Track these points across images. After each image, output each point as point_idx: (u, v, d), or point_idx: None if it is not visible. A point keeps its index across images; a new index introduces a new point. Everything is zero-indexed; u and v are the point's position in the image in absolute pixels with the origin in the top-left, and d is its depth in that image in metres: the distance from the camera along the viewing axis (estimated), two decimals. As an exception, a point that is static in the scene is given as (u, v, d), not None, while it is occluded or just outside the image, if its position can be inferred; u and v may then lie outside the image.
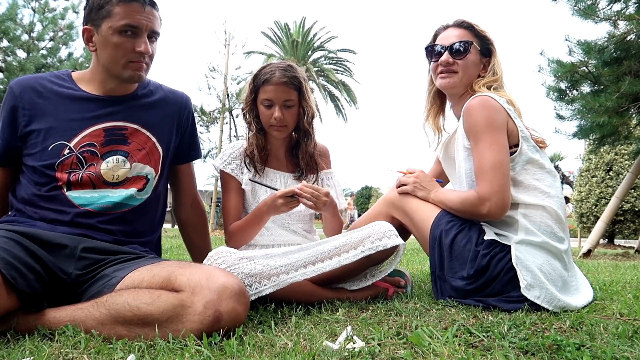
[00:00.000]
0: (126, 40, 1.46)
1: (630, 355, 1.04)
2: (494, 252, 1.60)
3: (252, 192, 1.93)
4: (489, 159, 1.62)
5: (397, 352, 1.07)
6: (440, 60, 1.82)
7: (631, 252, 7.52)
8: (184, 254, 3.94)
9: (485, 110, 1.64)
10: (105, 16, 1.46)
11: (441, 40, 1.85)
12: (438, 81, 1.85)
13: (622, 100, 5.75)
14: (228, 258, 1.47)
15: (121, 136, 1.57)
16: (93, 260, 1.43)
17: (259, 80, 1.84)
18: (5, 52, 8.91)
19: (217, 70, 13.01)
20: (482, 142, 1.64)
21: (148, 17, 1.47)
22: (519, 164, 1.67)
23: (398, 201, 1.88)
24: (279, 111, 1.81)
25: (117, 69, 1.51)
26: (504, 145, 1.63)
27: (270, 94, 1.81)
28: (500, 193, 1.61)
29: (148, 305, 1.17)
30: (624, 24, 5.68)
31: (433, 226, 1.74)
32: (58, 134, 1.50)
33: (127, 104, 1.60)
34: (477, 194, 1.64)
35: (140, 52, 1.47)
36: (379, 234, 1.65)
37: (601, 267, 3.85)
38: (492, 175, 1.61)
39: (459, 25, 1.85)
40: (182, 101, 1.76)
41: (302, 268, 1.54)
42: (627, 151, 11.30)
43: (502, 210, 1.63)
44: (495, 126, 1.63)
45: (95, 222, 1.50)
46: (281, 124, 1.84)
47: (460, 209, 1.71)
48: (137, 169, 1.59)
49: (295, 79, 1.83)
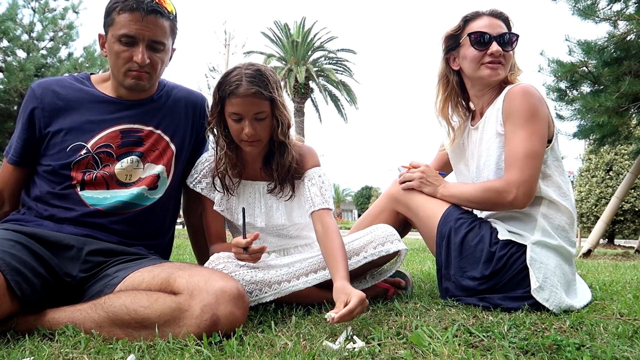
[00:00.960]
0: (125, 49, 1.47)
1: (630, 355, 1.04)
2: (510, 253, 1.57)
3: (228, 212, 1.76)
4: (525, 148, 1.56)
5: (397, 352, 1.07)
6: (492, 50, 1.68)
7: (631, 252, 7.51)
8: (184, 254, 3.95)
9: (530, 98, 1.59)
10: (110, 24, 1.48)
11: (484, 27, 1.71)
12: (484, 71, 1.71)
13: (622, 100, 5.75)
14: (229, 264, 1.46)
15: (137, 138, 1.59)
16: (98, 262, 1.44)
17: (224, 91, 1.55)
18: (5, 52, 8.90)
19: (217, 70, 13.03)
20: (522, 131, 1.58)
21: (148, 27, 1.45)
22: (550, 159, 1.64)
23: (402, 196, 1.82)
24: (249, 126, 1.55)
25: (119, 77, 1.53)
26: (543, 137, 1.59)
27: (238, 108, 1.54)
28: (530, 183, 1.56)
29: (145, 308, 1.17)
30: (623, 24, 5.68)
31: (440, 223, 1.70)
32: (76, 135, 1.52)
33: (144, 107, 1.62)
34: (504, 180, 1.59)
35: (137, 62, 1.47)
36: (381, 239, 1.64)
37: (601, 267, 3.84)
38: (525, 164, 1.56)
39: (498, 16, 1.74)
40: (198, 102, 1.76)
41: (303, 276, 1.53)
42: (627, 151, 11.30)
43: (528, 201, 1.58)
44: (539, 116, 1.59)
45: (104, 222, 1.51)
46: (253, 139, 1.58)
47: (481, 198, 1.66)
48: (150, 168, 1.60)
49: (265, 88, 1.54)
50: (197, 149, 1.78)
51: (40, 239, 1.39)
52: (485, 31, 1.70)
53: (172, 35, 1.57)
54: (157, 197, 1.62)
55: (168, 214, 1.70)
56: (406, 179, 1.82)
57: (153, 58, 1.50)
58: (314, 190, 1.68)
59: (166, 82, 1.73)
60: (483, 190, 1.65)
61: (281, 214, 1.75)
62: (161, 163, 1.62)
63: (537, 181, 1.59)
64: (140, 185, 1.57)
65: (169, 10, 1.50)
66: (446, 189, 1.76)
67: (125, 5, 1.43)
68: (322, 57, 24.07)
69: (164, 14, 1.48)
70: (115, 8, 1.45)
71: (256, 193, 1.77)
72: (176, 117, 1.68)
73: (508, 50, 1.71)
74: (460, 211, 1.71)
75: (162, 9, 1.47)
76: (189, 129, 1.71)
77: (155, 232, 1.66)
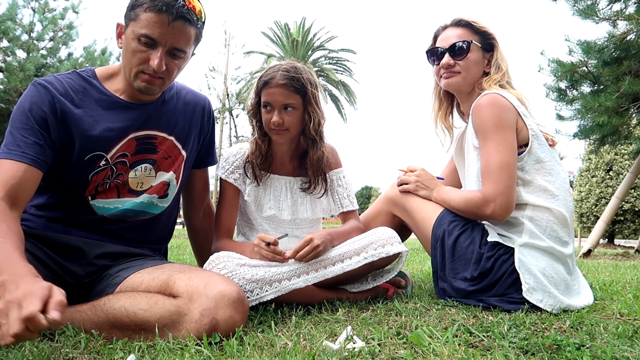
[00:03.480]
0: (143, 49, 1.36)
1: (630, 355, 1.04)
2: (497, 254, 1.59)
3: (255, 203, 1.84)
4: (495, 159, 1.59)
5: (397, 352, 1.07)
6: (442, 63, 1.79)
7: (631, 252, 7.52)
8: (183, 254, 3.95)
9: (493, 109, 1.61)
10: (133, 18, 1.36)
11: (441, 42, 1.82)
12: (442, 82, 1.83)
13: (622, 100, 5.75)
14: (229, 263, 1.46)
15: (151, 145, 1.53)
16: (103, 265, 1.44)
17: (261, 82, 1.71)
18: (5, 52, 8.90)
19: (217, 70, 13.01)
20: (490, 142, 1.61)
21: (172, 33, 1.35)
22: (529, 164, 1.63)
23: (399, 199, 1.86)
24: (277, 115, 1.67)
25: (129, 77, 1.42)
26: (512, 146, 1.60)
27: (269, 97, 1.68)
28: (506, 195, 1.58)
29: (145, 311, 1.16)
30: (623, 24, 5.68)
31: (435, 226, 1.73)
32: (95, 145, 1.42)
33: (156, 110, 1.54)
34: (481, 194, 1.62)
35: (153, 67, 1.36)
36: (382, 241, 1.65)
37: (601, 267, 3.84)
38: (498, 176, 1.58)
39: (457, 25, 1.81)
40: (204, 104, 1.71)
41: (304, 275, 1.54)
42: (627, 151, 11.31)
43: (507, 212, 1.60)
44: (504, 125, 1.60)
45: (111, 229, 1.50)
46: (280, 128, 1.70)
47: (464, 209, 1.70)
48: (161, 176, 1.56)
49: (297, 82, 1.66)
50: (203, 154, 1.75)
51: (48, 241, 1.38)
52: (438, 45, 1.82)
53: (196, 43, 1.47)
54: (166, 206, 1.60)
55: (172, 219, 1.70)
56: (403, 182, 1.88)
57: (170, 64, 1.40)
58: (341, 191, 1.88)
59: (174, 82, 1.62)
60: (465, 202, 1.69)
61: (306, 208, 1.87)
62: (172, 170, 1.58)
63: (514, 190, 1.61)
64: (151, 193, 1.54)
65: (198, 17, 1.40)
66: (439, 194, 1.80)
67: (153, 4, 1.32)
68: (322, 57, 24.09)
69: (192, 21, 1.38)
70: (142, 4, 1.34)
71: (283, 187, 1.87)
72: (187, 121, 1.63)
73: (459, 59, 1.77)
74: (454, 214, 1.74)
75: (192, 15, 1.37)
76: (197, 133, 1.68)
77: (160, 238, 1.67)
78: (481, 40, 1.79)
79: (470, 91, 1.81)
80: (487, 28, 1.80)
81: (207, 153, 1.78)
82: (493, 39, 1.80)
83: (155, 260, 1.49)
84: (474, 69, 1.78)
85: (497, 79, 1.75)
